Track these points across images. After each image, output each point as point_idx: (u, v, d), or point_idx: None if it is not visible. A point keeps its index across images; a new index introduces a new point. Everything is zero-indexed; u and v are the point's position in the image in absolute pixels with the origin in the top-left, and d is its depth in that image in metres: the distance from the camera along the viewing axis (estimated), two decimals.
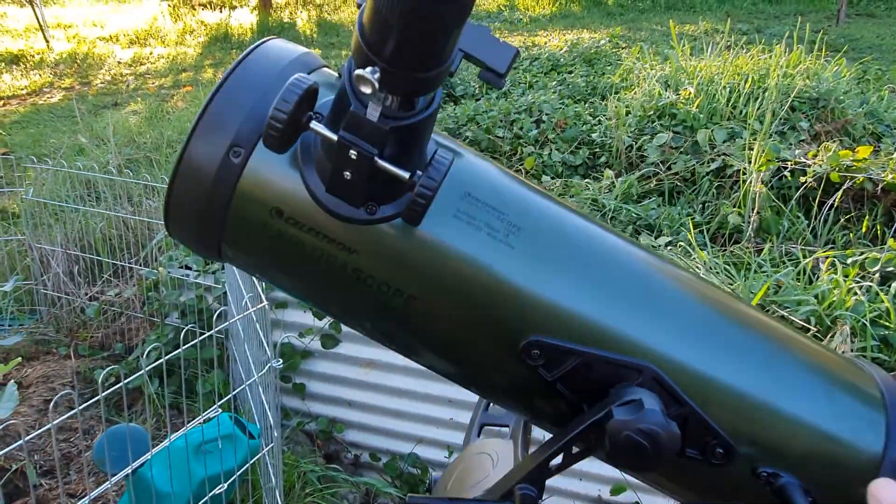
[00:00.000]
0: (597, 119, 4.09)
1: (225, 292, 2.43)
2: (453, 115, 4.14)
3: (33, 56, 9.23)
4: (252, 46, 0.51)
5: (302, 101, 0.43)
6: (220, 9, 12.45)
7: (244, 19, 11.64)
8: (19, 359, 2.04)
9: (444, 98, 4.91)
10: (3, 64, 9.01)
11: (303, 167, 0.48)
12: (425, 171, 0.44)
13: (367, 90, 0.40)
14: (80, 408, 1.29)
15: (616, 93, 4.41)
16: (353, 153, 0.43)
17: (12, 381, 1.74)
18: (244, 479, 1.96)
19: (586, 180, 3.49)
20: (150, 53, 9.67)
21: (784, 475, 0.49)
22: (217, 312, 1.80)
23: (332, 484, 2.31)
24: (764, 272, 2.44)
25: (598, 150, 3.86)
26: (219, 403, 1.60)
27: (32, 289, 3.01)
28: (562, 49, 6.13)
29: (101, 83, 8.22)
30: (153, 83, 8.03)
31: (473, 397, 0.68)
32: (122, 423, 1.46)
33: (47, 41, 9.43)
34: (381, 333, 0.56)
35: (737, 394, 0.49)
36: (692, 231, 2.80)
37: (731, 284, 2.30)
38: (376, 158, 0.44)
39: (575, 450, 0.49)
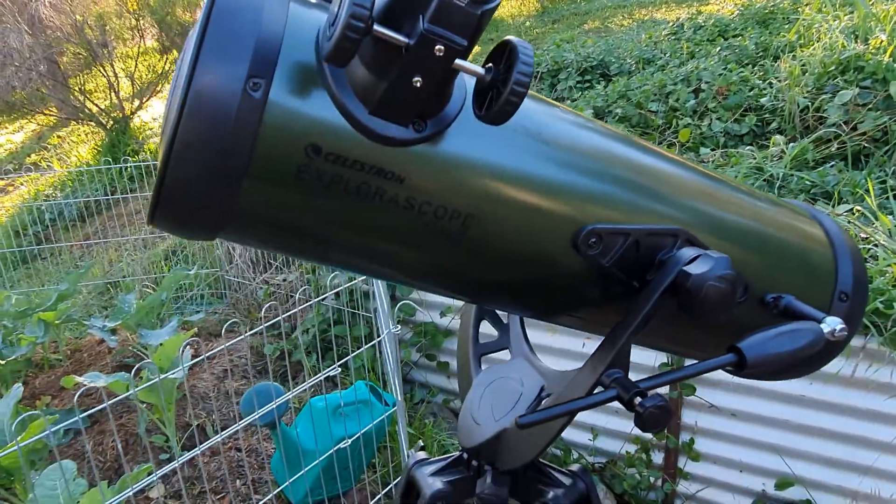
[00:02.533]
0: (766, 82, 3.70)
1: None
2: (603, 94, 3.99)
3: None
4: None
5: None
6: None
7: None
8: (195, 329, 2.36)
9: (597, 77, 4.74)
10: None
11: (336, 89, 0.40)
12: (511, 67, 0.40)
13: None
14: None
15: (791, 51, 3.95)
16: (439, 49, 0.38)
17: (189, 349, 2.01)
18: (381, 445, 2.07)
19: (748, 148, 3.17)
20: None
21: (784, 296, 0.59)
22: (365, 292, 1.91)
23: None
24: None
25: (767, 115, 3.49)
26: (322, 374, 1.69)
27: (220, 276, 3.45)
28: (732, 14, 5.62)
29: None
30: None
31: None
32: (265, 382, 1.62)
33: None
34: (431, 272, 0.52)
35: (741, 242, 0.61)
36: (880, 195, 2.42)
37: None
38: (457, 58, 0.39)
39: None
